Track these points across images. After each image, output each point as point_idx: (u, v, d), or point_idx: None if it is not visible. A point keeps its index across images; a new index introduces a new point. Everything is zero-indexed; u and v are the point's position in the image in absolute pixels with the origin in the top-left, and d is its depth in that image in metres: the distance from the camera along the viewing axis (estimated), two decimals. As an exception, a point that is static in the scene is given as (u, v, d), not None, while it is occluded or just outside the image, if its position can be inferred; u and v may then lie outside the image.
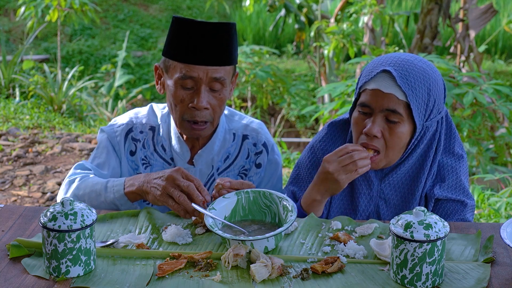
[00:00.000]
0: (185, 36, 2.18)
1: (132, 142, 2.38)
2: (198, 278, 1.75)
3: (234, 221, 2.01)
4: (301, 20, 8.28)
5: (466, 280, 1.74)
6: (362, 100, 2.12)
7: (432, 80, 2.09)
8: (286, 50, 12.10)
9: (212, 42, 2.17)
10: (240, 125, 2.43)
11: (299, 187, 2.34)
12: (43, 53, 11.31)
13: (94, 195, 2.20)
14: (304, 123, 9.48)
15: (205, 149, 2.37)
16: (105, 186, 2.19)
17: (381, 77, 2.08)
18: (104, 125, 2.65)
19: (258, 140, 2.42)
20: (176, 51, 2.20)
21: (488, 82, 4.88)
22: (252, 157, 2.42)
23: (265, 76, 7.32)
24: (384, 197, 2.22)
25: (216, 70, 2.19)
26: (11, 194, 4.87)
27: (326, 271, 1.76)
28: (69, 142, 5.89)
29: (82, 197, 2.22)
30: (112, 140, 2.38)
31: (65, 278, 1.74)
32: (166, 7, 13.53)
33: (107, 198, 2.18)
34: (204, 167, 2.38)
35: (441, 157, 2.22)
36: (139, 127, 2.39)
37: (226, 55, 2.20)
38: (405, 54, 2.14)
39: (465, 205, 2.20)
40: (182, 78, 2.20)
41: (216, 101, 2.24)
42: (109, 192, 2.18)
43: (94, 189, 2.21)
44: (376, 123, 2.09)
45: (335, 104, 5.07)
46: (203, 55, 2.17)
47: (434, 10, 7.29)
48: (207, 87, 2.21)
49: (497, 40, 11.91)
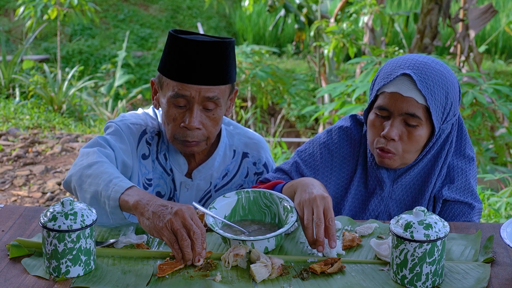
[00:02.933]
0: (178, 54, 2.10)
1: (146, 146, 2.27)
2: (198, 278, 1.75)
3: (233, 221, 2.01)
4: (301, 20, 8.28)
5: (466, 280, 1.74)
6: (380, 103, 2.10)
7: (450, 83, 2.09)
8: (286, 50, 12.10)
9: (206, 60, 2.09)
10: (241, 142, 2.36)
11: (303, 160, 2.31)
12: (43, 53, 11.31)
13: (95, 182, 1.97)
14: (304, 123, 9.48)
15: (205, 165, 2.30)
16: (111, 179, 1.96)
17: (400, 80, 2.06)
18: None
19: (258, 159, 2.36)
20: (170, 68, 2.12)
21: (488, 82, 4.88)
22: (251, 176, 2.36)
23: (265, 76, 7.32)
24: (395, 197, 2.22)
25: (210, 90, 2.11)
26: (11, 194, 4.87)
27: (325, 271, 1.76)
28: (69, 142, 5.89)
29: (87, 178, 2.00)
30: (126, 134, 2.22)
31: (65, 278, 1.74)
32: (166, 7, 13.53)
33: (104, 193, 1.93)
34: (202, 182, 2.31)
35: (451, 158, 2.22)
36: (150, 130, 2.29)
37: (221, 74, 2.12)
38: (422, 56, 2.12)
39: (473, 207, 2.20)
40: (174, 97, 2.12)
41: (209, 121, 2.16)
42: (109, 188, 1.93)
43: (101, 175, 1.98)
44: (394, 127, 2.08)
45: (335, 104, 5.07)
46: (196, 74, 2.09)
47: (434, 10, 7.29)
48: (200, 106, 2.13)
49: (497, 40, 11.92)
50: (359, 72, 7.43)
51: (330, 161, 2.28)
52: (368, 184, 2.23)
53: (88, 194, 1.98)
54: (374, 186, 2.22)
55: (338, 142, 2.28)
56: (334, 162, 2.28)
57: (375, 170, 2.21)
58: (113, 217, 1.94)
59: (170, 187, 2.31)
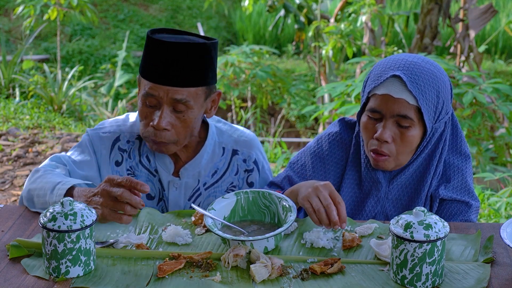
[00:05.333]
0: (151, 54, 2.12)
1: (119, 152, 2.31)
2: (198, 278, 1.75)
3: (233, 222, 2.01)
4: (301, 20, 8.28)
5: (466, 280, 1.74)
6: (371, 105, 2.11)
7: (441, 82, 2.09)
8: (286, 50, 12.10)
9: (177, 62, 2.09)
10: (231, 139, 2.35)
11: (296, 172, 2.33)
12: (43, 53, 11.31)
13: (41, 193, 2.09)
14: (304, 123, 9.48)
15: (192, 163, 2.30)
16: (53, 187, 2.06)
17: (391, 82, 2.07)
18: None
19: (248, 156, 2.35)
20: (143, 67, 2.15)
21: (487, 81, 4.88)
22: (241, 173, 2.35)
23: (265, 76, 7.31)
24: (392, 197, 2.22)
25: (178, 91, 2.10)
26: (11, 194, 4.87)
27: (325, 272, 1.76)
28: (69, 142, 5.89)
29: (33, 191, 2.13)
30: (95, 144, 2.31)
31: (64, 279, 1.75)
32: (166, 7, 13.52)
33: (50, 200, 2.05)
34: (190, 180, 2.31)
35: (447, 156, 2.22)
36: (126, 136, 2.31)
37: (192, 76, 2.11)
38: (412, 56, 2.13)
39: (470, 206, 2.20)
40: (145, 96, 2.14)
41: (179, 123, 2.15)
42: (54, 194, 2.05)
43: (44, 186, 2.09)
44: (387, 128, 2.09)
45: (335, 104, 5.07)
46: (165, 75, 2.09)
47: (434, 10, 7.29)
48: (170, 107, 2.13)
49: (497, 40, 11.91)
50: (359, 72, 7.43)
51: (322, 169, 2.30)
52: (363, 185, 2.24)
53: (38, 206, 2.11)
54: (370, 187, 2.23)
55: (329, 149, 2.30)
56: (327, 169, 2.30)
57: (370, 172, 2.21)
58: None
59: (158, 188, 2.32)
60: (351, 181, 2.25)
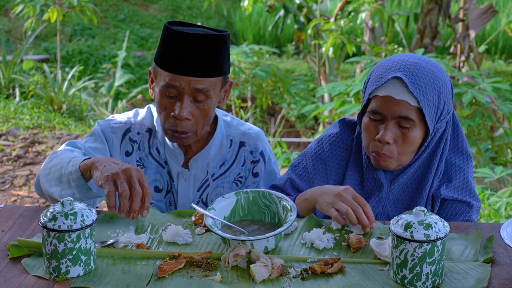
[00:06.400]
0: (171, 45, 2.16)
1: (129, 143, 2.36)
2: (198, 278, 1.75)
3: (233, 221, 2.02)
4: (300, 20, 8.28)
5: (466, 280, 1.74)
6: (373, 107, 2.11)
7: (441, 82, 2.09)
8: (286, 50, 12.10)
9: (198, 53, 2.14)
10: (238, 132, 2.41)
11: (298, 175, 2.34)
12: (43, 53, 11.31)
13: (58, 167, 2.10)
14: (304, 123, 9.48)
15: (201, 154, 2.35)
16: (71, 159, 2.07)
17: (392, 83, 2.07)
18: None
19: (255, 148, 2.40)
20: (163, 59, 2.18)
21: (487, 80, 4.88)
22: (248, 164, 2.40)
23: (265, 76, 7.32)
24: (393, 198, 2.22)
25: (199, 81, 2.15)
26: (11, 194, 4.87)
27: (325, 271, 1.76)
28: (69, 142, 5.89)
29: (50, 168, 2.13)
30: (107, 134, 2.35)
31: (65, 278, 1.75)
32: (166, 7, 13.53)
33: (65, 171, 2.05)
34: (199, 171, 2.37)
35: (448, 155, 2.22)
36: (137, 127, 2.38)
37: (212, 66, 2.17)
38: (412, 57, 2.12)
39: (471, 206, 2.20)
40: (165, 87, 2.17)
41: (199, 112, 2.20)
42: (70, 164, 2.05)
43: (62, 161, 2.09)
44: (388, 130, 2.09)
45: (334, 104, 5.07)
46: (186, 66, 2.14)
47: (434, 10, 7.29)
48: (191, 97, 2.18)
49: (497, 40, 11.91)
50: (359, 72, 7.43)
51: (324, 171, 2.30)
52: (365, 186, 2.24)
53: (54, 181, 2.10)
54: (371, 188, 2.23)
55: (330, 150, 2.30)
56: (328, 170, 2.30)
57: (372, 172, 2.21)
58: (79, 190, 2.05)
59: (167, 179, 2.37)
60: (352, 182, 2.25)
